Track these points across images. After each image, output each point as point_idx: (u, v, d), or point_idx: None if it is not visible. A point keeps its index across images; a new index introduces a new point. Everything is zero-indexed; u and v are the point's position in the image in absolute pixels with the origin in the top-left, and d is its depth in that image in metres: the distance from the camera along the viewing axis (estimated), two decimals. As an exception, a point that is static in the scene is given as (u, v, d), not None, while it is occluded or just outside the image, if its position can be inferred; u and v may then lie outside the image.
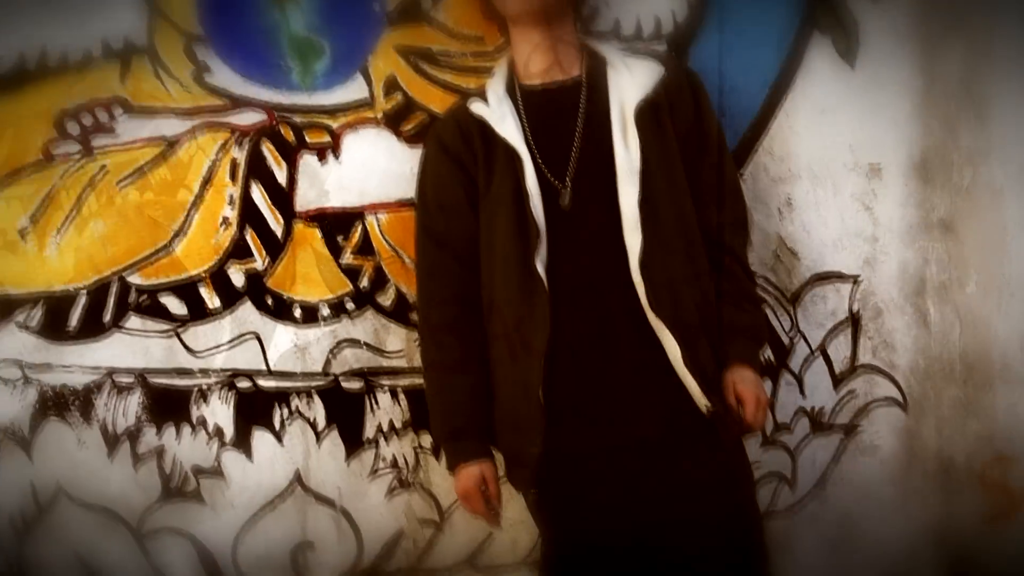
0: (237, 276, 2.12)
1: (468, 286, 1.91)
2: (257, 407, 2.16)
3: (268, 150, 2.11)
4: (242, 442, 2.15)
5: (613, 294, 1.83)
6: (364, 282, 2.15)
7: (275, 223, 2.12)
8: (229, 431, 2.15)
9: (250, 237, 2.12)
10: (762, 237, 2.20)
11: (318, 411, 2.16)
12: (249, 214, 2.11)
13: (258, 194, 2.11)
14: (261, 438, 2.16)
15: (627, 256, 1.81)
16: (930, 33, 2.22)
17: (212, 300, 2.12)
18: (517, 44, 1.96)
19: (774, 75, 2.18)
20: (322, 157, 2.12)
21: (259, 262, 2.12)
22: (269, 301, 2.13)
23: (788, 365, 2.25)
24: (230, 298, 2.13)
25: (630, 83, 1.88)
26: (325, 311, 2.15)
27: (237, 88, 2.10)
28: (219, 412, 2.15)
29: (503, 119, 1.88)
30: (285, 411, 2.16)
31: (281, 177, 2.12)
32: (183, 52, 2.09)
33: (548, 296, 1.80)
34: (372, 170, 2.13)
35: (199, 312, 2.13)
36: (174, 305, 2.12)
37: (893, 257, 2.25)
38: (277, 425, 2.16)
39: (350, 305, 2.15)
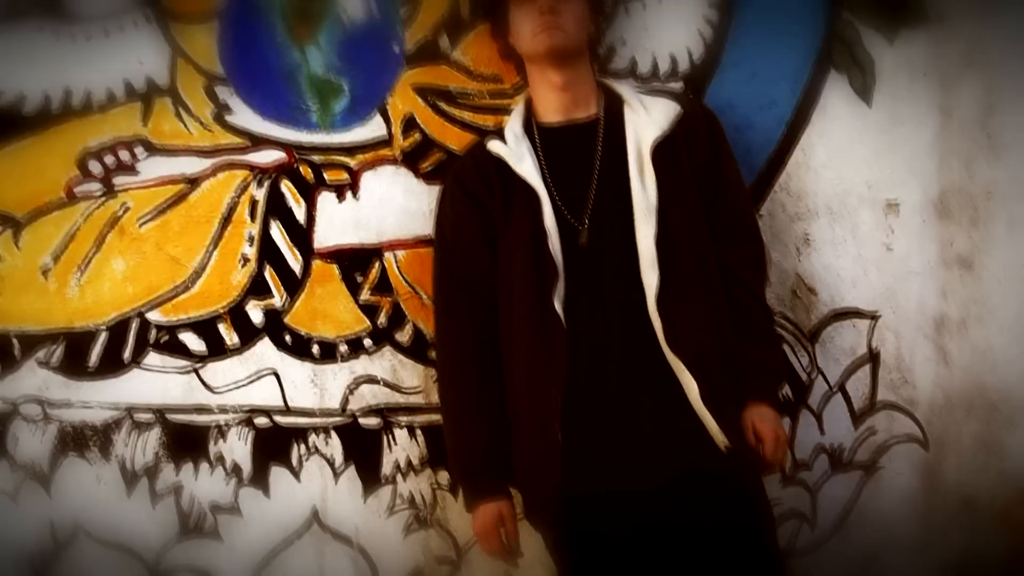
0: (256, 313, 2.14)
1: (486, 324, 1.92)
2: (275, 444, 2.16)
3: (287, 188, 2.13)
4: (260, 479, 2.16)
5: (631, 332, 1.83)
6: (382, 319, 2.16)
7: (294, 260, 2.13)
8: (247, 468, 2.16)
9: (269, 274, 2.13)
10: (780, 274, 2.20)
11: (335, 448, 2.17)
12: (268, 252, 2.13)
13: (277, 232, 2.13)
14: (279, 475, 2.16)
15: (644, 294, 1.82)
16: (946, 70, 2.22)
17: (231, 337, 2.13)
18: (535, 83, 1.98)
19: (790, 113, 2.19)
20: (340, 195, 2.14)
21: (278, 299, 2.13)
22: (287, 338, 2.14)
23: (807, 402, 2.23)
24: (249, 335, 2.14)
25: (647, 122, 1.90)
26: (343, 348, 2.16)
27: (257, 128, 2.13)
28: (237, 449, 2.15)
29: (521, 158, 1.89)
30: (303, 448, 2.16)
31: (300, 215, 2.13)
32: (204, 92, 2.12)
33: (566, 334, 1.80)
34: (390, 208, 2.15)
35: (218, 349, 2.14)
36: (193, 342, 2.13)
37: (912, 293, 2.24)
38: (295, 462, 2.16)
39: (368, 342, 2.16)
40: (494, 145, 1.93)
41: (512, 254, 1.88)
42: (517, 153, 1.90)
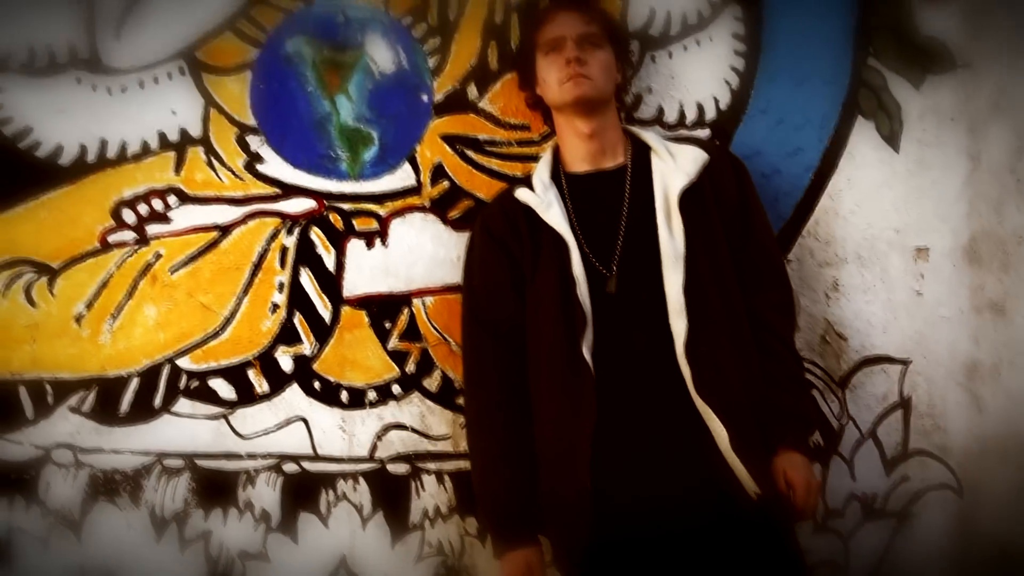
0: (285, 360, 2.15)
1: (514, 371, 1.92)
2: (303, 491, 2.16)
3: (317, 237, 2.15)
4: (288, 526, 2.16)
5: (659, 379, 1.82)
6: (410, 366, 2.16)
7: (323, 308, 2.15)
8: (275, 515, 2.16)
9: (298, 322, 2.15)
10: (809, 321, 2.19)
11: (364, 495, 2.16)
12: (298, 299, 2.15)
13: (307, 280, 2.15)
14: (307, 522, 2.16)
15: (673, 341, 1.81)
16: (974, 115, 2.22)
17: (260, 384, 2.14)
18: (562, 132, 1.99)
19: (817, 159, 2.20)
20: (370, 243, 2.16)
21: (307, 347, 2.15)
22: (316, 385, 2.15)
23: (838, 449, 2.21)
24: (278, 382, 2.15)
25: (674, 170, 1.91)
26: (372, 395, 2.16)
27: (288, 177, 2.16)
28: (266, 496, 2.15)
29: (549, 206, 1.91)
30: (331, 495, 2.16)
31: (329, 263, 2.15)
32: (236, 142, 2.15)
33: (594, 382, 1.80)
34: (419, 256, 2.17)
35: (247, 396, 2.15)
36: (223, 389, 2.15)
37: (943, 339, 2.22)
38: (323, 509, 2.16)
39: (396, 389, 2.16)
40: (522, 193, 1.94)
41: (540, 301, 1.88)
42: (545, 201, 1.91)
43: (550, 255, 1.88)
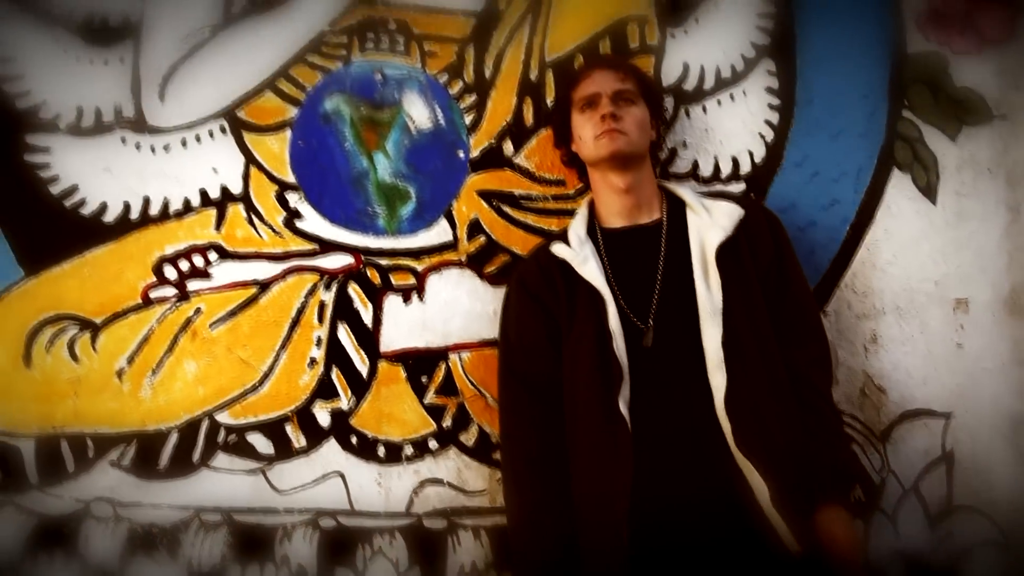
0: (323, 415, 2.16)
1: (551, 425, 1.91)
2: (340, 546, 2.15)
3: (355, 292, 2.17)
4: (325, 582, 2.15)
5: (698, 433, 1.81)
6: (447, 421, 2.16)
7: (360, 363, 2.16)
8: (312, 570, 2.15)
9: (336, 376, 2.16)
10: (848, 374, 2.17)
11: (400, 550, 2.15)
12: (335, 354, 2.16)
13: (344, 334, 2.16)
14: (343, 577, 2.15)
15: (711, 395, 1.80)
16: (1011, 166, 2.22)
17: (298, 439, 2.15)
18: (598, 188, 2.01)
19: (854, 211, 2.20)
20: (407, 298, 2.17)
21: (344, 401, 2.15)
22: (354, 440, 2.16)
23: (880, 505, 2.17)
24: (315, 436, 2.16)
25: (710, 224, 1.91)
26: (408, 450, 2.16)
27: (326, 233, 2.19)
28: (302, 551, 2.15)
29: (585, 261, 1.92)
30: (368, 550, 2.15)
31: (367, 318, 2.17)
32: (275, 199, 2.18)
33: (631, 436, 1.79)
34: (455, 310, 2.18)
35: (285, 451, 2.16)
36: (261, 444, 2.16)
37: (986, 392, 2.19)
38: (360, 564, 2.15)
39: (433, 444, 2.16)
40: (558, 248, 1.95)
41: (577, 355, 1.88)
42: (581, 256, 1.92)
43: (586, 309, 1.89)
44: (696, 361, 1.83)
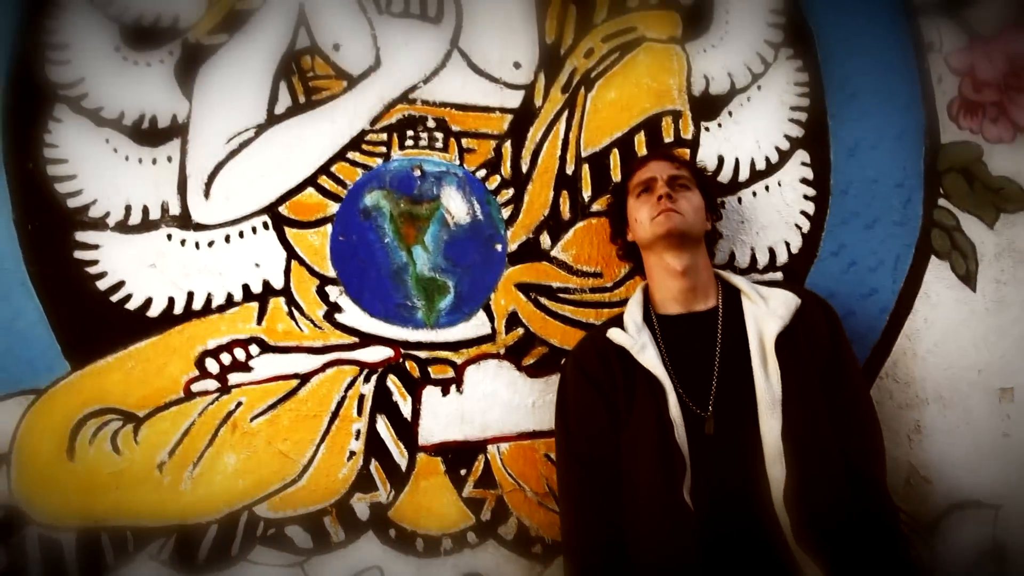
0: (361, 508, 2.15)
1: (613, 509, 1.89)
2: (379, 641, 2.13)
3: (394, 384, 2.18)
4: None
5: (757, 524, 1.79)
6: (486, 514, 2.15)
7: (399, 455, 2.16)
8: (350, 667, 2.12)
9: (375, 469, 2.16)
10: (892, 464, 2.13)
11: (440, 645, 2.13)
12: (374, 447, 2.17)
13: (383, 427, 2.17)
14: (383, 674, 2.12)
15: (770, 486, 1.79)
16: (1052, 251, 2.20)
17: (337, 533, 2.14)
18: (653, 272, 2.03)
19: (892, 300, 2.19)
20: (445, 390, 2.18)
21: (383, 494, 2.15)
22: (392, 533, 2.15)
23: (931, 600, 2.12)
24: (354, 529, 2.15)
25: (766, 313, 1.92)
26: (447, 543, 2.14)
27: (365, 326, 2.21)
28: (341, 645, 2.13)
29: (644, 348, 1.92)
30: (407, 645, 2.13)
31: (406, 410, 2.18)
32: (316, 293, 2.21)
33: (697, 525, 1.77)
34: (494, 403, 2.18)
35: (323, 544, 2.15)
36: (300, 537, 2.15)
37: (1036, 483, 2.15)
38: (399, 661, 2.12)
39: (472, 537, 2.15)
40: (615, 334, 1.96)
41: (637, 442, 1.87)
42: (639, 343, 1.93)
43: (645, 397, 1.88)
44: (755, 451, 1.83)
